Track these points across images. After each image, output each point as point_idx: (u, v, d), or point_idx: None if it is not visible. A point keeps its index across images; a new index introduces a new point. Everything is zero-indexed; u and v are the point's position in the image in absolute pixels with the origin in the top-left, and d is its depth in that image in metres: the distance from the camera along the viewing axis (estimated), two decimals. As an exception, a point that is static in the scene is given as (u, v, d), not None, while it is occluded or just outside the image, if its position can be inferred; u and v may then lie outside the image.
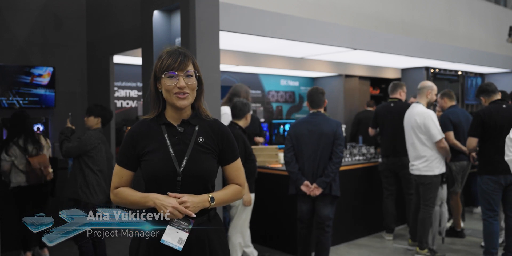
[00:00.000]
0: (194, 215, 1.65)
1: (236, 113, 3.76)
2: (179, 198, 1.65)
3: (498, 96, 4.01)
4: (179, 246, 1.64)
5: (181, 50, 1.73)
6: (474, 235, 4.96)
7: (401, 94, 4.89)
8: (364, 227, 4.94)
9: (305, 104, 3.84)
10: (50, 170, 4.12)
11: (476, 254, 4.35)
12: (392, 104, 4.81)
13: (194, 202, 1.66)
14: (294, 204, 3.88)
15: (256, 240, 4.37)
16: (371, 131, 5.08)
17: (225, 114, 4.08)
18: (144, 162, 1.73)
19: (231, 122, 3.76)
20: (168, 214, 1.62)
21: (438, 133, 4.06)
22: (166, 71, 1.67)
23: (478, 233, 5.02)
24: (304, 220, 3.68)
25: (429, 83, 4.31)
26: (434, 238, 4.28)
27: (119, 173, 1.78)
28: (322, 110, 3.71)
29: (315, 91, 3.72)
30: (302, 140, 3.59)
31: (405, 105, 4.66)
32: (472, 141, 3.92)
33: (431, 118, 4.07)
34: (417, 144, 4.15)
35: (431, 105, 4.37)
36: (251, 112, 3.81)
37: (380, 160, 4.91)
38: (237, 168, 1.85)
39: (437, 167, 4.10)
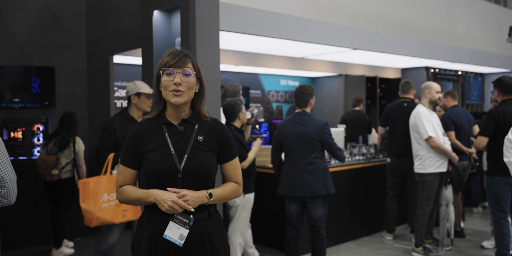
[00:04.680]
0: (193, 210, 1.70)
1: (228, 117, 3.75)
2: (178, 193, 1.69)
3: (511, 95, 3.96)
4: (180, 241, 1.70)
5: (182, 51, 1.78)
6: (474, 235, 4.96)
7: (414, 94, 4.88)
8: (364, 227, 4.94)
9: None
10: (54, 172, 4.17)
11: (476, 254, 4.36)
12: (405, 104, 4.77)
13: (193, 196, 1.71)
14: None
15: (257, 240, 4.37)
16: (380, 129, 5.06)
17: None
18: (145, 160, 1.78)
19: (226, 124, 3.76)
20: (168, 208, 1.66)
21: (425, 131, 4.08)
22: (165, 67, 1.73)
23: (478, 233, 5.02)
24: (292, 222, 3.60)
25: (428, 83, 4.35)
26: (443, 238, 4.30)
27: (123, 172, 1.84)
28: (308, 109, 3.64)
29: (298, 90, 3.63)
30: (289, 141, 3.54)
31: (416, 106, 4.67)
32: (483, 141, 3.84)
33: (420, 117, 4.14)
34: (414, 143, 4.25)
35: (435, 104, 4.36)
36: (243, 110, 3.76)
37: (388, 160, 4.87)
38: (235, 166, 1.89)
39: (430, 166, 4.13)
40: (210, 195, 1.75)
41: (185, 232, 1.70)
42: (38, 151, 4.45)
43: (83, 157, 4.39)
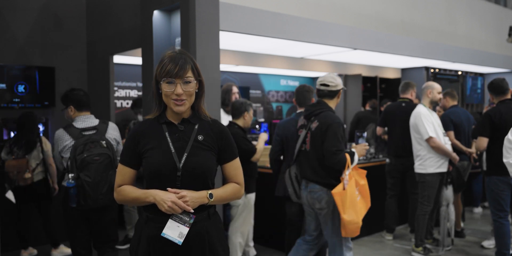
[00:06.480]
0: (192, 211, 1.69)
1: (234, 113, 3.76)
2: (178, 193, 1.68)
3: (508, 96, 3.96)
4: (179, 240, 1.67)
5: (182, 55, 1.75)
6: (474, 235, 4.96)
7: (412, 95, 4.87)
8: (364, 226, 4.91)
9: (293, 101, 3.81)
10: (27, 175, 4.02)
11: (476, 254, 4.36)
12: (403, 104, 4.78)
13: (193, 197, 1.70)
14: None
15: (257, 240, 4.37)
16: (379, 130, 5.08)
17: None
18: (145, 159, 1.77)
19: (230, 122, 3.77)
20: (167, 208, 1.65)
21: (425, 132, 4.08)
22: (165, 77, 1.71)
23: (478, 233, 5.02)
24: (293, 222, 3.61)
25: (430, 83, 4.35)
26: (444, 238, 4.30)
27: (122, 171, 1.83)
28: None
29: (301, 88, 3.64)
30: (292, 141, 3.52)
31: (415, 106, 4.66)
32: (483, 142, 3.86)
33: (420, 117, 4.13)
34: (415, 143, 4.25)
35: (435, 104, 4.37)
36: (250, 112, 3.78)
37: (387, 160, 4.87)
38: (236, 167, 1.88)
39: (431, 166, 4.13)
40: (211, 195, 1.74)
41: (185, 230, 1.68)
42: (2, 158, 4.14)
43: (51, 156, 4.23)
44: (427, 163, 4.14)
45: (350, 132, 7.06)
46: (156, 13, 3.85)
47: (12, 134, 4.75)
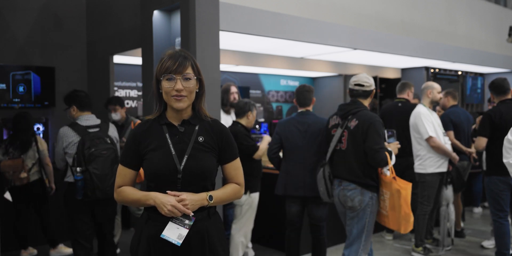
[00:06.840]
0: (192, 214, 1.70)
1: (237, 112, 3.79)
2: (178, 196, 1.69)
3: (509, 96, 3.96)
4: (178, 241, 1.68)
5: (181, 53, 1.76)
6: (474, 235, 4.96)
7: (408, 95, 4.86)
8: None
9: (294, 101, 3.81)
10: (23, 175, 4.01)
11: (476, 254, 4.36)
12: (399, 104, 4.77)
13: (192, 200, 1.70)
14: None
15: (257, 240, 4.37)
16: None
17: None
18: (145, 161, 1.78)
19: (234, 121, 3.79)
20: (167, 212, 1.66)
21: (425, 131, 4.08)
22: (165, 73, 1.71)
23: (478, 233, 5.02)
24: (293, 222, 3.60)
25: (430, 83, 4.35)
26: (444, 238, 4.30)
27: (122, 172, 1.84)
28: (310, 108, 3.64)
29: (301, 88, 3.62)
30: (293, 141, 3.52)
31: (412, 106, 4.66)
32: (482, 141, 3.86)
33: (420, 117, 4.12)
34: (414, 143, 4.24)
35: (435, 104, 4.37)
36: (254, 112, 3.79)
37: None
38: (236, 167, 1.88)
39: (430, 166, 4.12)
40: (210, 197, 1.74)
41: (184, 231, 1.69)
42: None
43: (47, 155, 4.24)
44: (427, 163, 4.14)
45: None
46: (156, 13, 3.86)
47: (11, 134, 4.76)
